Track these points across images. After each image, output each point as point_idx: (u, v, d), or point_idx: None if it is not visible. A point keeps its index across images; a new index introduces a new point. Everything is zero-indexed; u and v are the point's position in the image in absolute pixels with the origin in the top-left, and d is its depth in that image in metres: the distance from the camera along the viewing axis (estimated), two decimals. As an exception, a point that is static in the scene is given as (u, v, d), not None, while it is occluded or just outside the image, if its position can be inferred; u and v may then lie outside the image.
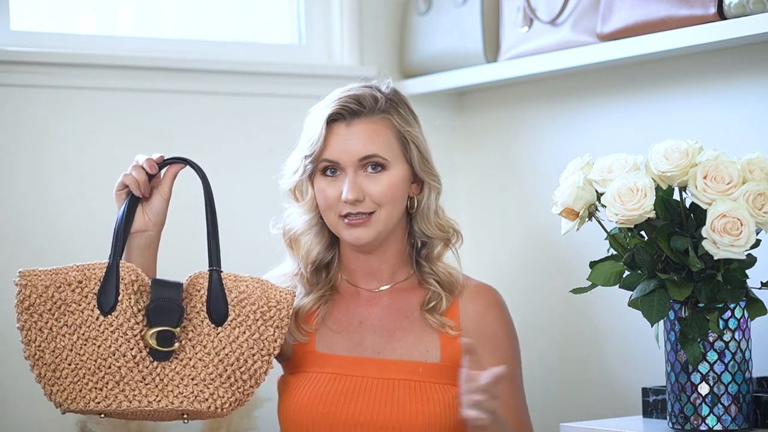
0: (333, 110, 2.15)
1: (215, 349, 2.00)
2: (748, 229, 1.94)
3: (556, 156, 2.82)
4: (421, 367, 2.14)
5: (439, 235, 2.21)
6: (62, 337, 1.98)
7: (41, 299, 1.98)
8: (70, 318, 1.98)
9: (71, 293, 1.99)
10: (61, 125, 2.70)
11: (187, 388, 1.99)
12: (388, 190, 2.14)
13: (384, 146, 2.14)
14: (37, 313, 1.98)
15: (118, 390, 1.97)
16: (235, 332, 2.01)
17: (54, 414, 2.64)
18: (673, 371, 2.06)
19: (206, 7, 3.01)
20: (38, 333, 1.99)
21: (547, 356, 2.88)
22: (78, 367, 1.98)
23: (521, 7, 2.79)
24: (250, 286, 2.04)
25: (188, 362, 1.99)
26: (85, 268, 2.00)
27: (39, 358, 1.99)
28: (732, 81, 2.48)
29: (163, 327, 1.98)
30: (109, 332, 1.98)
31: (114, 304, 1.98)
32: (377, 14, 3.08)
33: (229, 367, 2.00)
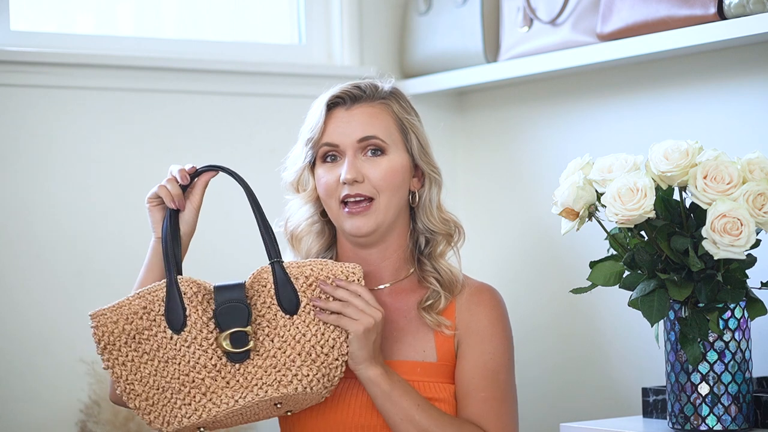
0: (333, 95, 2.17)
1: (295, 337, 2.00)
2: (748, 229, 1.94)
3: (556, 156, 2.82)
4: (419, 367, 2.14)
5: (442, 229, 2.20)
6: (144, 365, 1.99)
7: (114, 336, 2.00)
8: (147, 345, 2.00)
9: (140, 321, 2.00)
10: (61, 125, 2.70)
11: (270, 377, 1.98)
12: (388, 173, 2.14)
13: (383, 129, 2.15)
14: (116, 349, 2.00)
15: (206, 400, 1.98)
16: (310, 315, 2.02)
17: (54, 413, 2.66)
18: (673, 371, 2.06)
19: (206, 7, 3.01)
20: (122, 368, 1.99)
21: (547, 356, 2.88)
22: (164, 389, 1.98)
23: (521, 7, 2.79)
24: (314, 269, 2.04)
25: (268, 354, 1.99)
26: (146, 294, 2.01)
27: (131, 392, 1.99)
28: (732, 81, 2.48)
29: (234, 329, 1.98)
30: (186, 348, 1.99)
31: (184, 320, 1.99)
32: (377, 14, 3.08)
33: (308, 344, 2.00)
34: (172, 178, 2.09)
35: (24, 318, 2.64)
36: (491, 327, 2.17)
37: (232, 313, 1.99)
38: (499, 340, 2.17)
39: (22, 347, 2.64)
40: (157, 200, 2.09)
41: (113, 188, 2.74)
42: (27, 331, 2.64)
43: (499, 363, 2.15)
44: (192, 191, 2.11)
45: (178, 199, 2.08)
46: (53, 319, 2.65)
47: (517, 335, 2.28)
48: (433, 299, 2.17)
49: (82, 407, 2.64)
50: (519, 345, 2.28)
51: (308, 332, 2.01)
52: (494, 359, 2.15)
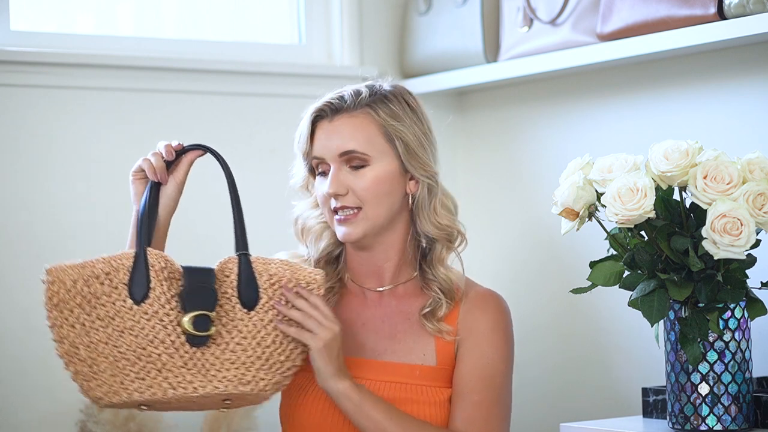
0: (316, 108, 2.16)
1: (251, 333, 1.98)
2: (748, 229, 1.94)
3: (556, 156, 2.82)
4: (417, 370, 2.14)
5: (438, 234, 2.17)
6: (96, 331, 1.94)
7: (70, 294, 1.94)
8: (102, 310, 1.94)
9: (100, 286, 1.95)
10: (61, 125, 2.70)
11: (230, 372, 1.96)
12: (371, 185, 2.12)
13: (364, 141, 2.12)
14: (68, 308, 1.94)
15: (161, 378, 1.94)
16: (268, 315, 2.00)
17: (54, 411, 2.66)
18: (673, 371, 2.06)
19: (206, 7, 3.01)
20: (70, 329, 1.94)
21: (547, 356, 2.88)
22: (117, 359, 1.93)
23: (521, 7, 2.79)
24: (280, 268, 2.02)
25: (226, 347, 1.97)
26: (111, 259, 1.97)
27: (74, 355, 1.93)
28: (732, 81, 2.48)
29: (199, 311, 1.95)
30: (145, 320, 1.94)
31: (147, 292, 1.95)
32: (377, 14, 3.08)
33: (267, 350, 1.99)
34: (157, 152, 2.08)
35: (24, 318, 2.63)
36: (492, 332, 2.16)
37: (199, 295, 1.96)
38: (500, 346, 2.16)
39: (22, 347, 2.64)
40: (141, 173, 2.08)
41: (113, 188, 2.74)
42: (27, 330, 2.63)
43: (496, 368, 2.14)
44: (176, 167, 2.10)
45: (161, 172, 2.06)
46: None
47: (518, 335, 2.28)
48: (434, 306, 2.16)
49: (82, 407, 2.64)
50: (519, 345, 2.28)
51: (264, 332, 1.99)
52: (492, 364, 2.14)
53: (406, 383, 2.13)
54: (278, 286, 2.01)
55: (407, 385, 2.12)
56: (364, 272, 2.20)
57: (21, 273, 2.64)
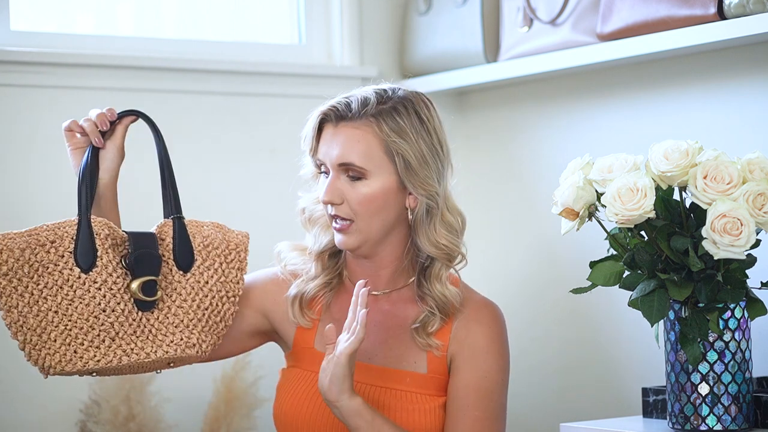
0: (322, 111, 2.13)
1: (189, 295, 2.02)
2: (748, 229, 1.94)
3: (556, 156, 2.82)
4: (408, 377, 2.13)
5: (436, 253, 2.13)
6: (44, 300, 1.93)
7: (19, 263, 1.92)
8: (50, 279, 1.93)
9: (46, 254, 1.94)
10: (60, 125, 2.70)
11: (176, 336, 1.99)
12: (364, 200, 2.09)
13: (362, 154, 2.08)
14: (16, 277, 1.92)
15: (115, 345, 1.95)
16: (204, 277, 2.03)
17: (54, 411, 2.66)
18: (673, 371, 2.06)
19: (206, 7, 3.01)
20: (19, 298, 1.92)
21: (547, 356, 2.88)
22: (68, 328, 1.93)
23: (521, 7, 2.79)
24: (212, 231, 2.06)
25: (169, 311, 2.00)
26: (56, 227, 1.96)
27: (22, 324, 1.92)
28: (732, 81, 2.48)
29: (147, 277, 1.97)
30: (95, 289, 1.94)
31: (94, 261, 1.95)
32: (377, 14, 3.08)
33: (206, 311, 2.02)
34: (89, 118, 2.07)
35: (24, 318, 2.63)
36: (489, 345, 2.14)
37: (146, 260, 1.98)
38: (496, 359, 2.15)
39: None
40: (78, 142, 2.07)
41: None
42: (27, 331, 2.63)
43: (494, 382, 2.14)
44: (113, 133, 2.10)
45: (96, 135, 2.06)
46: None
47: (517, 336, 2.28)
48: (425, 321, 2.14)
49: (82, 407, 2.64)
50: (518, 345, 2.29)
51: (201, 294, 2.02)
52: (489, 378, 2.13)
53: (395, 389, 2.12)
54: (211, 248, 2.05)
55: (397, 391, 2.12)
56: (360, 274, 2.19)
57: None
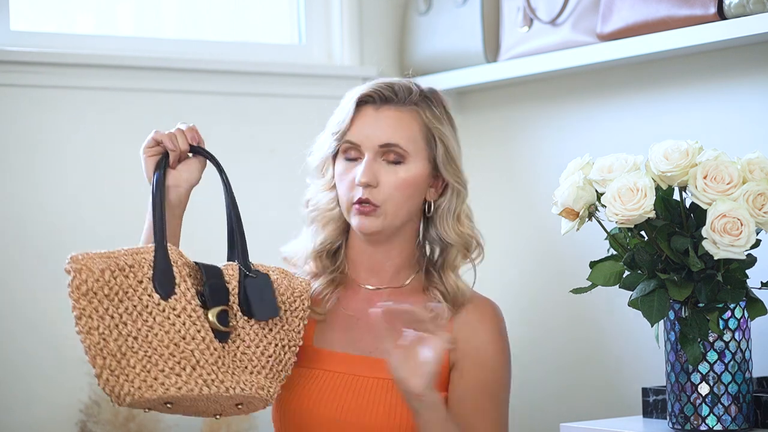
0: (365, 92, 2.14)
1: (253, 342, 1.97)
2: (748, 229, 1.94)
3: (556, 156, 2.82)
4: None
5: (457, 241, 2.17)
6: (124, 325, 1.86)
7: (98, 284, 1.86)
8: (130, 304, 1.88)
9: (125, 278, 1.89)
10: (61, 125, 2.70)
11: (245, 375, 1.95)
12: (401, 184, 2.11)
13: (407, 138, 2.12)
14: (96, 299, 1.85)
15: (196, 374, 1.89)
16: (269, 324, 1.99)
17: (54, 411, 2.66)
18: (673, 371, 2.06)
19: (206, 7, 3.01)
20: (100, 320, 1.85)
21: (547, 356, 2.88)
22: (147, 354, 1.87)
23: (521, 7, 2.79)
24: (278, 276, 2.02)
25: (235, 354, 1.95)
26: (134, 252, 1.92)
27: (103, 347, 1.84)
28: (732, 81, 2.48)
29: (221, 306, 1.94)
30: (175, 316, 1.90)
31: (172, 288, 1.91)
32: (377, 14, 3.08)
33: (270, 359, 1.98)
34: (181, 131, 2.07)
35: (24, 318, 2.64)
36: (493, 345, 2.15)
37: (219, 291, 1.96)
38: (500, 359, 2.16)
39: (22, 347, 2.64)
40: (154, 149, 2.06)
41: (114, 188, 2.74)
42: (27, 331, 2.63)
43: (500, 382, 2.15)
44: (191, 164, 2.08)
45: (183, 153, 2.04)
46: (53, 319, 2.65)
47: (517, 335, 2.28)
48: None
49: (82, 407, 2.64)
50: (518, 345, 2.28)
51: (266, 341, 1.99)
52: (495, 378, 2.14)
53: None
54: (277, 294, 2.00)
55: None
56: (363, 267, 2.20)
57: (21, 273, 2.64)
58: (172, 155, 2.05)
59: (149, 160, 2.06)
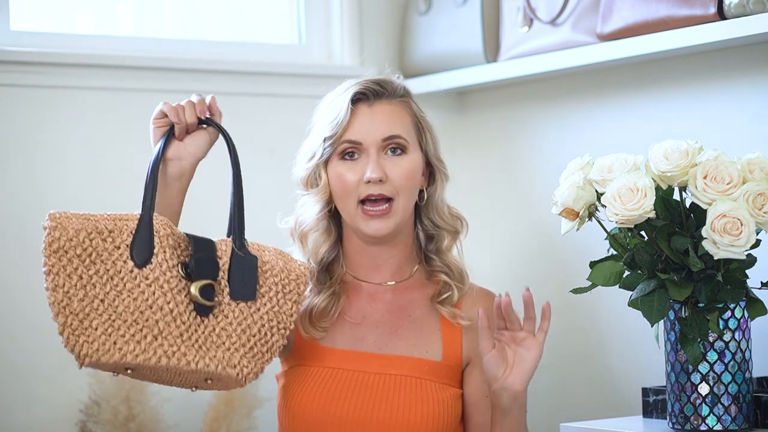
0: (357, 90, 2.15)
1: (236, 319, 1.97)
2: (748, 229, 1.94)
3: (556, 156, 2.82)
4: (426, 365, 2.14)
5: (450, 225, 2.22)
6: (92, 286, 1.89)
7: (71, 243, 1.89)
8: (102, 267, 1.90)
9: (102, 242, 1.91)
10: (61, 125, 2.70)
11: (219, 352, 1.94)
12: (409, 173, 2.15)
13: (404, 128, 2.16)
14: (66, 257, 1.88)
15: (157, 344, 1.90)
16: (256, 303, 1.99)
17: (54, 411, 2.66)
18: (673, 371, 2.06)
19: (206, 7, 3.01)
20: (67, 278, 1.88)
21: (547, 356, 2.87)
22: (112, 319, 1.88)
23: (521, 7, 2.79)
24: (273, 256, 2.02)
25: (213, 329, 1.95)
26: (117, 218, 1.93)
27: (66, 306, 1.87)
28: (732, 81, 2.48)
29: (206, 281, 1.94)
30: (146, 285, 1.91)
31: (149, 257, 1.92)
32: (377, 14, 3.08)
33: (252, 338, 1.97)
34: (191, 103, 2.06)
35: (24, 318, 2.64)
36: None
37: (206, 265, 1.95)
38: None
39: (22, 347, 2.64)
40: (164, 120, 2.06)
41: (113, 188, 2.74)
42: (27, 331, 2.63)
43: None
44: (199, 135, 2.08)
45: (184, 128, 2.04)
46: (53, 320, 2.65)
47: (517, 335, 2.28)
48: (448, 292, 2.18)
49: (82, 407, 2.64)
50: (519, 345, 2.28)
51: (251, 320, 1.98)
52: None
53: (413, 377, 2.12)
54: (270, 275, 2.00)
55: (415, 378, 2.12)
56: (365, 266, 2.20)
57: (21, 273, 2.64)
58: (178, 128, 2.04)
59: (157, 131, 2.06)
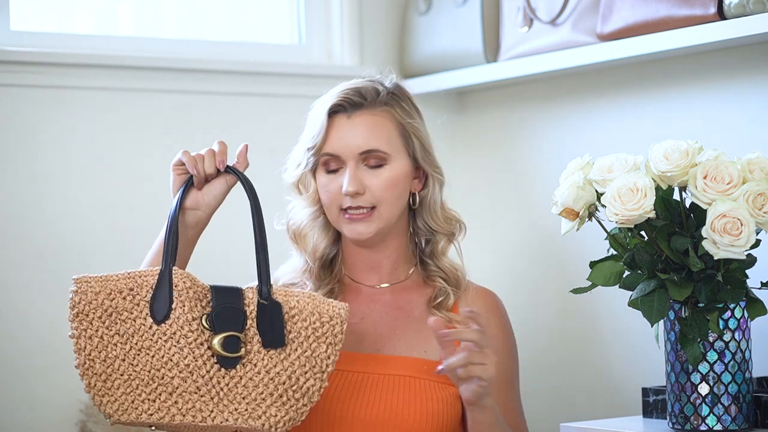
0: (334, 102, 2.14)
1: (265, 368, 1.93)
2: (748, 229, 1.94)
3: (556, 156, 2.82)
4: (425, 365, 2.14)
5: (445, 228, 2.20)
6: (113, 346, 1.91)
7: (91, 306, 1.91)
8: (122, 327, 1.91)
9: (122, 301, 1.92)
10: (60, 125, 2.70)
11: (240, 405, 1.91)
12: (389, 185, 2.13)
13: (385, 140, 2.14)
14: (87, 320, 1.91)
15: (170, 402, 1.90)
16: (286, 350, 1.94)
17: (54, 411, 2.66)
18: (673, 371, 2.06)
19: (206, 7, 3.01)
20: (88, 341, 1.90)
21: (547, 356, 2.88)
22: (131, 378, 1.90)
23: (521, 7, 2.79)
24: (301, 301, 1.96)
25: (239, 380, 1.92)
26: (136, 276, 1.94)
27: (89, 368, 1.90)
28: (732, 81, 2.48)
29: (229, 332, 1.91)
30: (163, 341, 1.91)
31: (167, 313, 1.91)
32: (377, 14, 3.08)
33: (281, 386, 1.93)
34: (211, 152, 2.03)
35: (24, 318, 2.64)
36: (502, 334, 2.19)
37: (229, 316, 1.93)
38: (510, 347, 2.21)
39: (22, 347, 2.64)
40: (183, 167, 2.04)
41: (113, 188, 2.74)
42: (27, 331, 2.64)
43: (513, 371, 2.20)
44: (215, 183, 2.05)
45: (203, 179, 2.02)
46: (53, 319, 2.65)
47: (518, 335, 2.28)
48: (442, 296, 2.18)
49: (82, 407, 2.64)
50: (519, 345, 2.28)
51: (280, 367, 1.93)
52: (509, 367, 2.19)
53: (413, 376, 2.12)
54: (298, 319, 1.95)
55: (412, 378, 2.12)
56: (361, 268, 2.21)
57: (21, 273, 2.64)
58: (196, 178, 2.03)
59: (177, 179, 2.05)
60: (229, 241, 2.67)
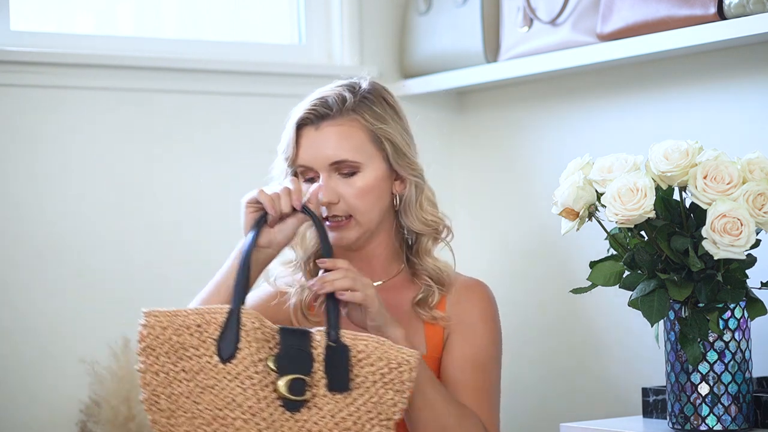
0: (301, 116, 2.14)
1: (330, 413, 1.89)
2: (748, 229, 1.94)
3: (556, 156, 2.82)
4: None
5: (424, 230, 2.19)
6: (178, 383, 1.88)
7: (158, 341, 1.88)
8: (188, 363, 1.88)
9: (189, 337, 1.89)
10: (60, 125, 2.70)
11: None
12: (362, 193, 2.12)
13: (354, 149, 2.12)
14: (154, 354, 1.88)
15: None
16: (352, 395, 1.90)
17: (54, 411, 2.66)
18: (673, 371, 2.06)
19: (206, 7, 3.01)
20: (154, 376, 1.88)
21: (547, 356, 2.88)
22: (194, 416, 1.87)
23: (521, 7, 2.79)
24: (369, 345, 1.92)
25: (304, 424, 1.88)
26: (205, 312, 1.90)
27: (154, 403, 1.87)
28: (732, 81, 2.48)
29: (294, 375, 1.88)
30: (227, 381, 1.87)
31: (234, 352, 1.87)
32: (377, 14, 3.08)
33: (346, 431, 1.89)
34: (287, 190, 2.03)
35: (24, 318, 2.64)
36: (481, 320, 2.18)
37: (295, 358, 1.89)
38: (489, 333, 2.19)
39: (22, 347, 2.64)
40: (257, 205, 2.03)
41: (113, 188, 2.74)
42: (27, 331, 2.63)
43: (487, 355, 2.17)
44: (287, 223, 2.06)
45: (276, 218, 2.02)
46: (53, 319, 2.65)
47: (517, 335, 2.28)
48: (426, 294, 2.18)
49: (82, 407, 2.64)
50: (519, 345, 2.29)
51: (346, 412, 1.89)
52: (483, 351, 2.17)
53: None
54: (365, 363, 1.91)
55: None
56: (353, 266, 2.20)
57: (21, 273, 2.64)
58: (272, 218, 2.03)
59: (249, 216, 2.04)
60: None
